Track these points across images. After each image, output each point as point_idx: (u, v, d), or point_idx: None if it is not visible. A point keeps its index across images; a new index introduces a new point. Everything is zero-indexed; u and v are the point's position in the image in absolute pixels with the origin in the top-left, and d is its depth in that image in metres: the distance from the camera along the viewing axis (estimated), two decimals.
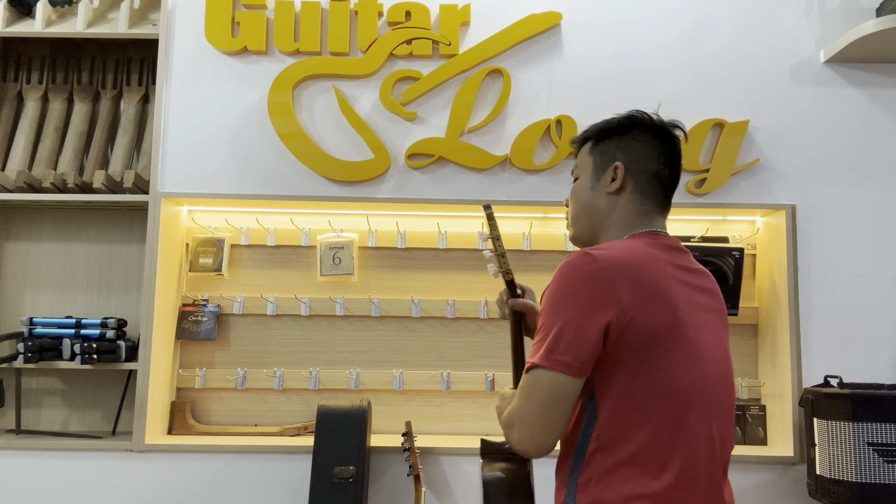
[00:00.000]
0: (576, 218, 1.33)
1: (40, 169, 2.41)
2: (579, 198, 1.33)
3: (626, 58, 2.34)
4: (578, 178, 1.34)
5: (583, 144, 1.37)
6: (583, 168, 1.34)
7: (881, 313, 2.25)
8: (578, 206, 1.32)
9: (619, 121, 1.35)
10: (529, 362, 1.14)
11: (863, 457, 1.92)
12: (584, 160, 1.35)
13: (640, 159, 1.28)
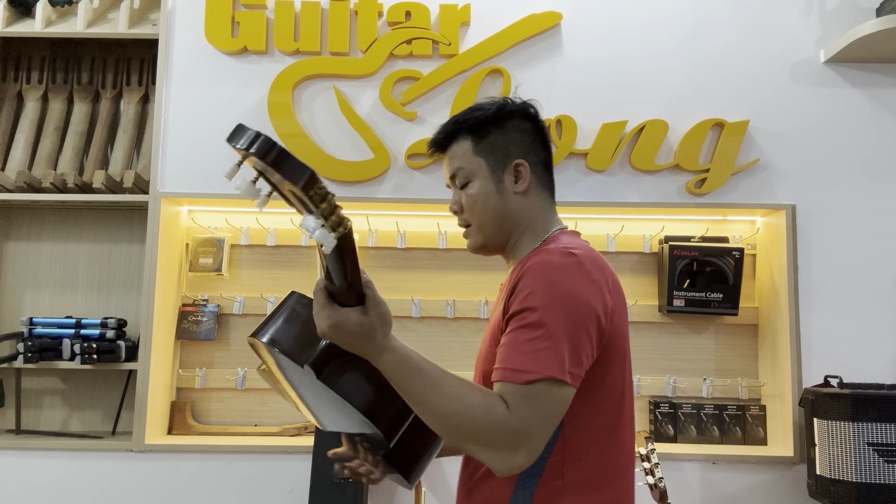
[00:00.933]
0: (482, 225, 1.23)
1: (40, 169, 2.41)
2: (485, 205, 1.22)
3: (626, 58, 2.34)
4: (470, 182, 1.23)
5: (451, 143, 1.26)
6: (475, 171, 1.23)
7: (881, 313, 2.25)
8: (486, 213, 1.22)
9: (493, 112, 1.24)
10: (541, 374, 0.98)
11: (863, 457, 1.92)
12: (472, 162, 1.23)
13: (531, 151, 1.25)
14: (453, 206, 1.28)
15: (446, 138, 1.27)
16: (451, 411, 0.98)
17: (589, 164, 2.29)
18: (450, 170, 1.27)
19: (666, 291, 2.32)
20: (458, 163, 1.25)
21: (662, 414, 2.33)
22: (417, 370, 0.99)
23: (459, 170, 1.25)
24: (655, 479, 1.99)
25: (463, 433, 0.99)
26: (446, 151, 1.28)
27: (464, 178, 1.25)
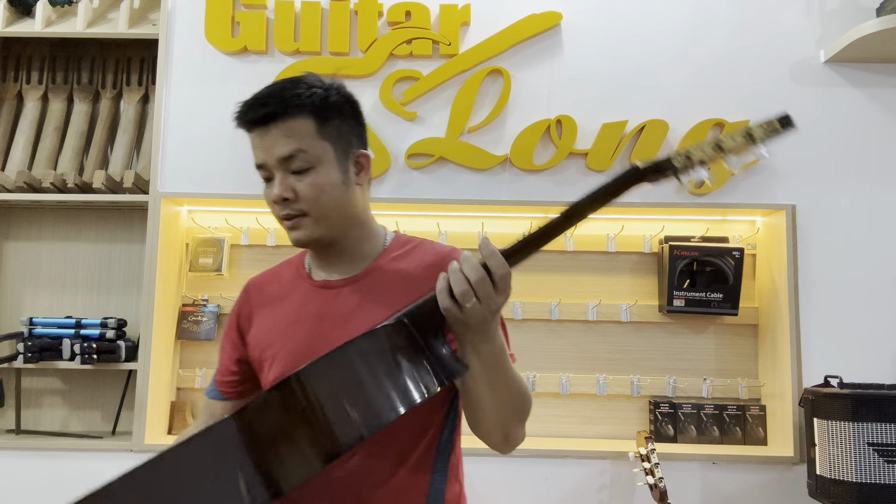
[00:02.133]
0: (325, 217, 1.11)
1: (40, 169, 2.41)
2: (332, 195, 1.11)
3: (627, 58, 2.34)
4: (313, 167, 1.10)
5: (285, 118, 1.09)
6: (320, 157, 1.10)
7: (881, 313, 2.25)
8: (331, 204, 1.11)
9: (335, 94, 1.16)
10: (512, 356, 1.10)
11: (863, 457, 1.92)
12: (316, 145, 1.10)
13: (365, 142, 1.21)
14: (284, 193, 1.09)
15: (283, 111, 1.09)
16: (522, 390, 1.09)
17: (589, 164, 2.29)
18: (283, 149, 1.09)
19: (666, 291, 2.32)
20: (299, 144, 1.09)
21: (662, 414, 2.33)
22: (506, 352, 1.06)
23: (300, 152, 1.09)
24: (655, 479, 1.99)
25: (525, 410, 1.11)
26: (272, 126, 1.10)
27: (305, 163, 1.09)
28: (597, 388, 2.36)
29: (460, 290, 0.94)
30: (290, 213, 1.11)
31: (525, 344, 2.40)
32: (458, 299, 0.94)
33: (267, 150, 1.10)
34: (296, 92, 1.11)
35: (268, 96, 1.12)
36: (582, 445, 2.26)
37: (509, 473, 2.20)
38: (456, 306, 0.94)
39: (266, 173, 1.12)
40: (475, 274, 0.93)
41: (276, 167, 1.10)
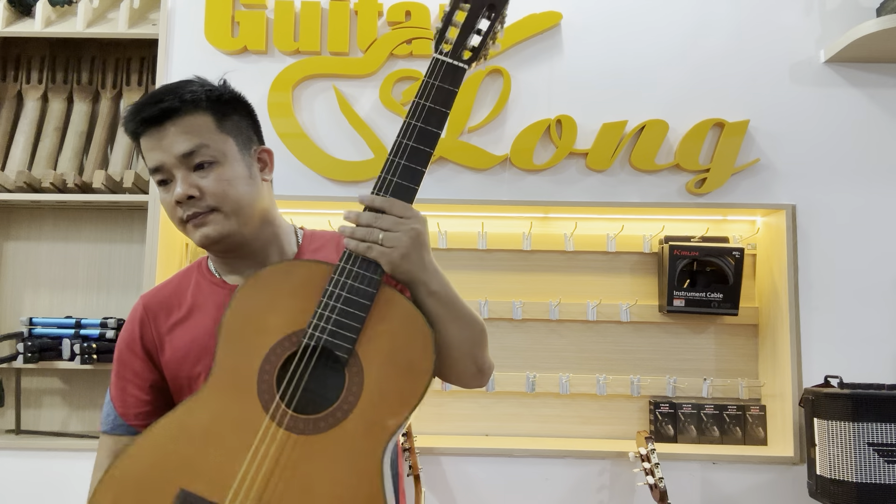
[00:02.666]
0: (236, 212, 1.09)
1: (40, 169, 2.41)
2: (239, 189, 1.09)
3: (626, 58, 2.34)
4: (217, 162, 1.07)
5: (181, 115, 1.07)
6: (224, 151, 1.09)
7: (881, 313, 2.25)
8: (241, 199, 1.09)
9: (229, 91, 1.13)
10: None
11: (863, 457, 1.92)
12: (217, 140, 1.08)
13: (263, 140, 1.20)
14: (189, 191, 1.05)
15: (180, 106, 1.07)
16: (476, 316, 1.11)
17: (589, 164, 2.29)
18: (184, 146, 1.06)
19: (666, 291, 2.32)
20: (200, 139, 1.07)
21: (662, 414, 2.33)
22: (451, 285, 1.10)
23: (202, 147, 1.07)
24: (655, 479, 1.99)
25: (484, 335, 1.12)
26: (169, 123, 1.06)
27: (208, 157, 1.07)
28: (597, 388, 2.36)
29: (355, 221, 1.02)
30: (197, 210, 1.07)
31: (525, 344, 2.40)
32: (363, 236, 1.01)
33: (165, 150, 1.07)
34: (190, 89, 1.09)
35: (161, 94, 1.08)
36: (582, 445, 2.26)
37: (509, 473, 2.20)
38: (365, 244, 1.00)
39: (163, 175, 1.08)
40: (354, 214, 1.02)
41: (177, 166, 1.07)
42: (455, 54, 1.05)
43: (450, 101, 1.05)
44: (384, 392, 0.99)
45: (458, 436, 2.36)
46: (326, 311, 0.99)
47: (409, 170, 1.03)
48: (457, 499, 2.20)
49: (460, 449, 2.21)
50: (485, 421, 2.38)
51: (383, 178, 1.03)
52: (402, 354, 1.00)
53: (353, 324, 0.99)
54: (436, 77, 1.05)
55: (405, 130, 1.04)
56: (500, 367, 2.39)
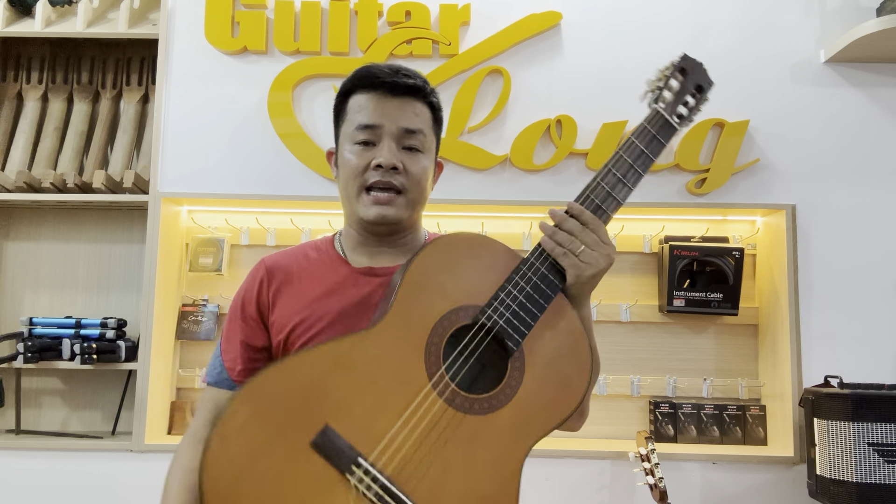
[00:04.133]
0: (415, 202, 1.13)
1: (40, 169, 2.41)
2: (426, 184, 1.14)
3: (627, 57, 2.34)
4: (423, 153, 1.12)
5: (418, 98, 1.13)
6: (429, 146, 1.14)
7: (881, 313, 2.25)
8: (424, 192, 1.14)
9: (439, 102, 1.18)
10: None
11: (863, 457, 1.92)
12: (430, 134, 1.14)
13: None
14: (395, 162, 1.08)
15: (422, 92, 1.14)
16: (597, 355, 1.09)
17: (589, 164, 2.29)
18: (411, 123, 1.11)
19: (666, 291, 2.32)
20: (423, 125, 1.13)
21: (662, 414, 2.33)
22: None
23: (421, 133, 1.12)
24: (655, 479, 1.99)
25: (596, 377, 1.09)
26: (407, 99, 1.12)
27: (419, 144, 1.12)
28: (597, 388, 2.36)
29: (559, 222, 1.05)
30: (391, 183, 1.09)
31: None
32: (563, 241, 1.03)
33: (391, 117, 1.10)
34: (426, 81, 1.16)
35: (410, 72, 1.15)
36: (582, 445, 2.26)
37: None
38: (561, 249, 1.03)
39: (371, 136, 1.11)
40: (560, 216, 1.06)
41: (391, 136, 1.10)
42: (669, 111, 1.16)
43: (658, 151, 1.13)
44: (540, 395, 0.98)
45: None
46: (508, 298, 1.00)
47: (611, 198, 1.08)
48: None
49: None
50: None
51: (588, 197, 1.08)
52: (562, 366, 1.00)
53: (528, 319, 0.99)
54: (653, 125, 1.14)
55: (615, 161, 1.10)
56: None
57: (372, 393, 0.93)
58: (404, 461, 0.91)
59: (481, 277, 1.02)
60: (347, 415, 0.92)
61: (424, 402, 0.94)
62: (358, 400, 0.93)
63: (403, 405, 0.93)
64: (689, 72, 1.22)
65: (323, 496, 0.89)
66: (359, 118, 1.11)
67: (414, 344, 0.97)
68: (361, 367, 0.94)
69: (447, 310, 0.99)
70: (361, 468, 0.90)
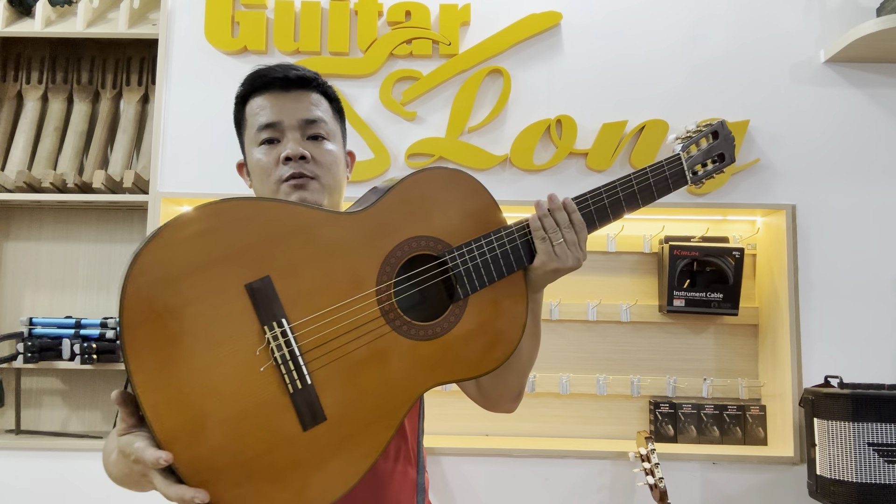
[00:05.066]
0: (331, 188, 1.14)
1: (40, 169, 2.41)
2: (339, 170, 1.16)
3: (626, 57, 2.34)
4: (328, 140, 1.14)
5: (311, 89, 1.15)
6: (335, 134, 1.16)
7: (881, 313, 2.25)
8: (337, 179, 1.16)
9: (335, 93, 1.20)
10: None
11: (863, 457, 1.92)
12: (332, 123, 1.16)
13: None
14: (302, 151, 1.09)
15: (313, 82, 1.15)
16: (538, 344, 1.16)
17: (589, 164, 2.29)
18: (309, 114, 1.12)
19: (666, 291, 2.32)
20: (322, 114, 1.14)
21: (662, 414, 2.33)
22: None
23: (322, 122, 1.13)
24: (655, 479, 1.99)
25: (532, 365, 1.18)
26: (301, 91, 1.13)
27: (323, 132, 1.14)
28: (597, 388, 2.36)
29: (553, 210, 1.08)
30: (302, 172, 1.10)
31: None
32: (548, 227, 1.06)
33: (288, 111, 1.12)
34: (318, 76, 1.17)
35: (297, 66, 1.16)
36: (582, 445, 2.26)
37: (509, 473, 2.20)
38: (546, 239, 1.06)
39: (273, 134, 1.12)
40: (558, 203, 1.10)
41: (293, 129, 1.11)
42: (689, 164, 1.16)
43: (662, 194, 1.14)
44: (464, 346, 1.02)
45: (458, 436, 2.36)
46: (477, 251, 1.04)
47: (605, 212, 1.12)
48: (457, 499, 2.20)
49: (460, 449, 2.21)
50: (485, 421, 2.38)
51: (587, 201, 1.12)
52: (493, 332, 1.04)
53: (485, 277, 1.03)
54: (670, 168, 1.14)
55: (624, 182, 1.12)
56: None
57: (320, 271, 0.95)
58: (320, 342, 0.93)
59: (462, 221, 1.06)
60: (289, 278, 0.93)
61: (362, 302, 0.96)
62: (305, 270, 0.94)
63: (343, 295, 0.95)
64: (720, 138, 1.19)
65: (234, 336, 0.89)
66: (259, 120, 1.13)
67: (377, 248, 0.99)
68: (321, 244, 0.95)
69: (420, 234, 1.02)
70: (281, 328, 0.90)
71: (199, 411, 0.86)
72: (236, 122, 1.21)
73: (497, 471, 2.20)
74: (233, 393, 0.87)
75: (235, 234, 0.91)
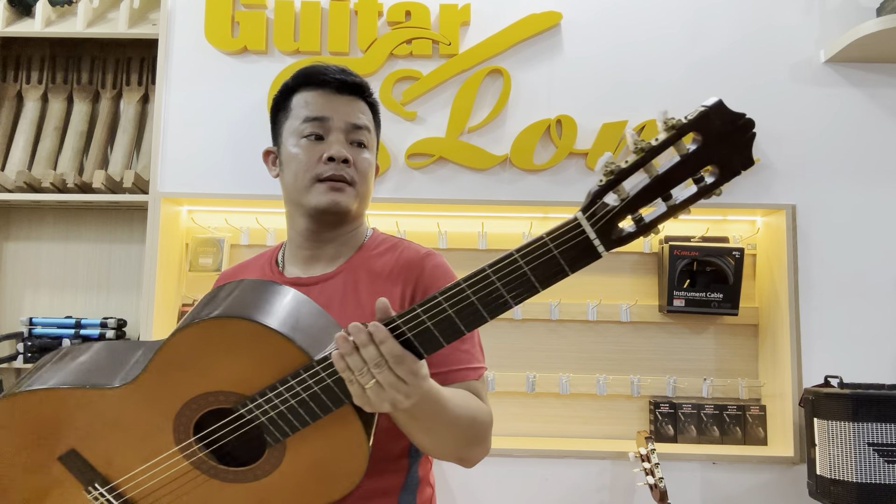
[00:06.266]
0: (363, 196, 1.16)
1: (40, 169, 2.41)
2: (371, 180, 1.17)
3: (626, 57, 2.34)
4: (368, 149, 1.16)
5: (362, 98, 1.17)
6: (372, 144, 1.18)
7: (881, 313, 2.25)
8: (370, 187, 1.17)
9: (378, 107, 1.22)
10: (484, 365, 1.11)
11: (863, 457, 1.92)
12: (373, 132, 1.18)
13: None
14: (344, 154, 1.10)
15: (366, 92, 1.17)
16: (467, 424, 1.00)
17: (589, 164, 2.29)
18: (358, 119, 1.14)
19: (666, 291, 2.32)
20: (367, 122, 1.16)
21: (662, 414, 2.33)
22: (444, 399, 0.94)
23: (367, 130, 1.16)
24: (656, 479, 1.99)
25: (471, 439, 1.02)
26: (354, 97, 1.15)
27: (366, 140, 1.15)
28: (597, 388, 2.36)
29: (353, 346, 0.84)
30: (343, 175, 1.11)
31: (525, 344, 2.40)
32: (354, 367, 0.84)
33: (339, 112, 1.13)
34: (368, 84, 1.19)
35: (352, 72, 1.16)
36: (582, 445, 2.26)
37: (509, 473, 2.20)
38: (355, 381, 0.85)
39: (320, 130, 1.13)
40: (356, 334, 0.84)
41: (340, 130, 1.12)
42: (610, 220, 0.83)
43: (552, 280, 0.86)
44: (300, 480, 0.95)
45: None
46: (278, 400, 0.90)
47: (429, 333, 0.84)
48: (457, 499, 2.20)
49: None
50: None
51: (414, 317, 0.83)
52: (332, 459, 0.93)
53: (296, 423, 0.91)
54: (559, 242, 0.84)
55: (474, 281, 0.82)
56: (500, 367, 2.39)
57: (118, 440, 0.97)
58: (147, 493, 0.97)
59: (252, 368, 0.91)
60: (93, 449, 0.98)
61: (170, 459, 0.96)
62: (104, 441, 0.97)
63: (149, 456, 0.96)
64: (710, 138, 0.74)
65: (63, 499, 0.99)
66: (306, 112, 1.13)
67: (163, 411, 0.95)
68: (114, 417, 0.96)
69: (207, 391, 0.93)
70: (104, 486, 0.97)
71: None
72: (276, 110, 1.20)
73: (497, 471, 2.20)
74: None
75: (31, 423, 0.98)
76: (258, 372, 0.90)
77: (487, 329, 2.41)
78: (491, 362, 2.41)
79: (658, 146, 0.75)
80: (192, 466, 0.95)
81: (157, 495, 0.97)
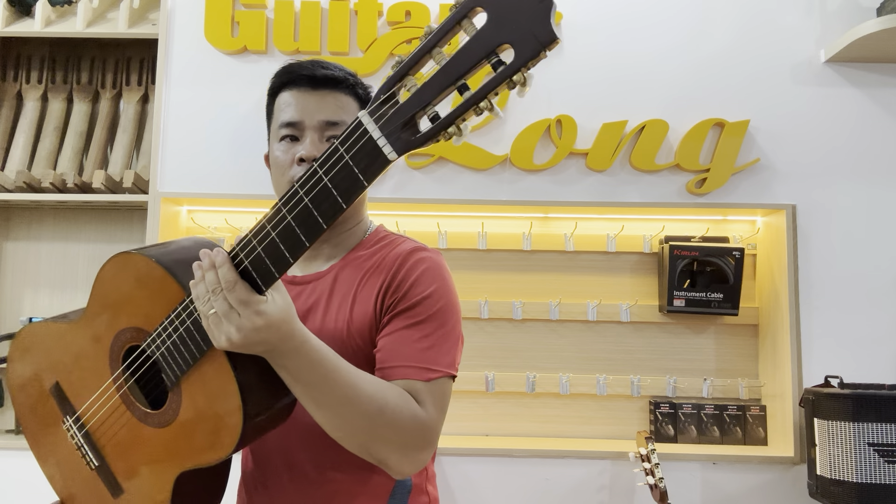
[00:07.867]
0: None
1: (40, 169, 2.41)
2: None
3: (627, 57, 2.34)
4: None
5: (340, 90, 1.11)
6: None
7: (881, 313, 2.25)
8: None
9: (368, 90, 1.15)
10: (444, 371, 1.00)
11: (863, 457, 1.92)
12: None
13: None
14: (314, 154, 1.07)
15: (344, 83, 1.11)
16: (373, 411, 0.91)
17: (589, 164, 2.29)
18: (332, 115, 1.09)
19: (666, 291, 2.32)
20: (345, 116, 1.10)
21: (663, 414, 2.33)
22: (338, 367, 0.90)
23: (344, 124, 1.10)
24: (656, 479, 1.99)
25: (379, 434, 0.92)
26: (328, 91, 1.10)
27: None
28: (597, 388, 2.36)
29: (202, 275, 0.85)
30: None
31: (525, 344, 2.40)
32: (198, 296, 0.85)
33: (310, 111, 1.10)
34: (351, 73, 1.14)
35: (330, 65, 1.12)
36: (582, 445, 2.26)
37: (509, 473, 2.20)
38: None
39: (293, 132, 1.11)
40: (208, 261, 0.84)
41: (313, 129, 1.09)
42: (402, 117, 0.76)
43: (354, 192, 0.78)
44: (195, 430, 0.93)
45: (458, 436, 2.36)
46: (164, 335, 0.91)
47: (275, 247, 0.82)
48: (457, 499, 2.20)
49: (460, 449, 2.21)
50: (485, 421, 2.38)
51: (249, 241, 0.83)
52: (214, 409, 0.91)
53: (181, 362, 0.90)
54: (350, 145, 0.77)
55: (289, 198, 0.82)
56: (500, 367, 2.39)
57: (80, 371, 1.06)
58: (98, 425, 1.04)
59: (151, 304, 0.93)
60: (68, 381, 1.08)
61: (108, 391, 1.03)
62: (73, 372, 1.07)
63: (97, 386, 1.04)
64: (497, 7, 0.67)
65: (56, 428, 1.10)
66: (282, 116, 1.12)
67: (101, 344, 1.03)
68: (73, 350, 1.07)
69: (125, 326, 0.98)
70: (73, 418, 1.06)
71: (63, 486, 1.12)
72: (267, 113, 1.20)
73: (497, 471, 2.20)
74: (72, 470, 1.09)
75: (37, 354, 1.12)
76: (156, 308, 0.93)
77: (487, 329, 2.41)
78: (491, 362, 2.42)
79: (440, 26, 0.69)
80: (121, 401, 1.01)
81: (103, 430, 1.04)
